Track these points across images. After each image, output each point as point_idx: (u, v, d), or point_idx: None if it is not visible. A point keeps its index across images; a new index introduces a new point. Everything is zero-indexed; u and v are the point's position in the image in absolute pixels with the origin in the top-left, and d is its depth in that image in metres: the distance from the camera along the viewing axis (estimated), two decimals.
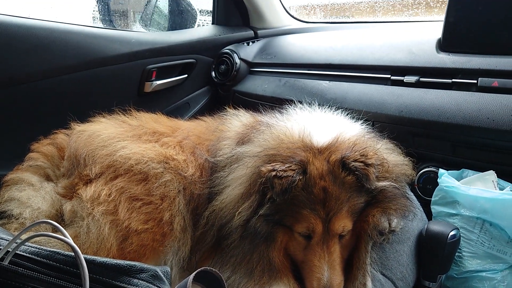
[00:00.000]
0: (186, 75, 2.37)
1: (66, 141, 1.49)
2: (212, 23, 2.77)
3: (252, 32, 2.70)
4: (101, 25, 2.63)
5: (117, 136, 1.45)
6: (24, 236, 0.72)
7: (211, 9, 2.75)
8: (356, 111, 1.55)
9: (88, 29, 2.00)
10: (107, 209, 1.27)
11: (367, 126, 1.43)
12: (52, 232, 0.75)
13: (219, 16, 2.73)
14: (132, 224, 1.27)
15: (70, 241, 0.69)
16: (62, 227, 0.71)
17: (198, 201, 1.39)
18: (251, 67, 2.41)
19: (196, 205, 1.38)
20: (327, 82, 1.98)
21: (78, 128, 1.51)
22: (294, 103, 1.52)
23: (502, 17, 1.61)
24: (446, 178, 1.43)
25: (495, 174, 1.43)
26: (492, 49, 1.62)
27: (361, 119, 1.45)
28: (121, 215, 1.27)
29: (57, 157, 1.48)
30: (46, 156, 1.48)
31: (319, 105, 1.51)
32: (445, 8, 1.74)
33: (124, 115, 1.61)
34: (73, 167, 1.39)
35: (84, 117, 1.57)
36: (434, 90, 1.65)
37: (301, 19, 2.97)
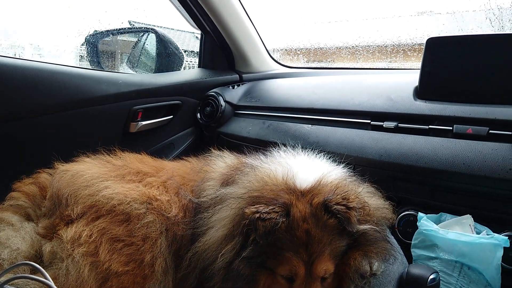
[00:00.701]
0: (171, 116, 2.40)
1: (49, 181, 1.48)
2: (199, 66, 2.85)
3: (237, 76, 2.78)
4: (89, 66, 2.67)
5: (100, 176, 1.45)
6: (3, 279, 0.71)
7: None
8: (338, 155, 1.58)
9: (76, 70, 2.02)
10: (87, 250, 1.25)
11: (349, 170, 1.46)
12: (31, 274, 0.74)
13: (205, 59, 2.81)
14: (112, 266, 1.25)
15: (51, 283, 0.68)
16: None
17: (181, 243, 1.38)
18: (236, 109, 2.46)
19: (178, 247, 1.37)
20: (310, 126, 2.04)
21: (62, 167, 1.50)
22: (278, 145, 1.55)
23: (474, 68, 1.71)
24: (425, 222, 1.46)
25: (472, 218, 1.47)
26: (466, 97, 1.70)
27: (342, 163, 1.48)
28: (101, 256, 1.26)
29: (39, 196, 1.46)
30: (27, 195, 1.46)
31: (302, 148, 1.54)
32: (421, 57, 1.84)
33: (109, 155, 1.62)
34: (55, 207, 1.38)
35: (68, 157, 1.57)
36: (412, 135, 1.70)
37: (285, 64, 3.07)
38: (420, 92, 1.83)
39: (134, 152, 1.70)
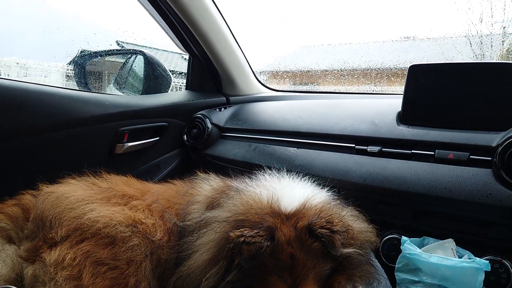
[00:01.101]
0: (158, 138, 2.40)
1: (33, 203, 1.47)
2: (186, 89, 2.88)
3: (225, 98, 2.80)
4: (76, 86, 2.68)
5: (86, 198, 1.45)
6: None
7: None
8: (323, 178, 1.60)
9: (63, 91, 2.03)
10: (71, 273, 1.24)
11: (333, 193, 1.48)
12: None
13: (193, 82, 2.84)
14: None
15: None
16: None
17: (165, 266, 1.37)
18: (223, 132, 2.47)
19: (163, 270, 1.37)
20: (295, 149, 2.06)
21: (46, 189, 1.49)
22: (264, 168, 1.57)
23: (455, 95, 1.76)
24: (408, 246, 1.48)
25: (454, 242, 1.49)
26: (447, 123, 1.74)
27: (327, 186, 1.50)
28: (85, 280, 1.24)
29: (21, 218, 1.45)
30: (10, 217, 1.44)
31: (287, 171, 1.56)
32: (404, 82, 1.89)
33: (94, 177, 1.62)
34: (38, 229, 1.37)
35: (53, 178, 1.56)
36: (396, 160, 1.73)
37: (271, 87, 3.11)
38: (403, 118, 1.87)
39: (120, 174, 1.70)
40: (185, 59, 2.90)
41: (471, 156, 1.58)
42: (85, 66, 2.68)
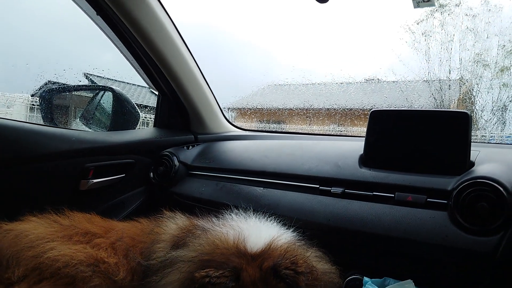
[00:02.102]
0: (123, 174, 2.38)
1: None
2: (154, 126, 2.88)
3: (193, 136, 2.82)
4: (41, 119, 2.64)
5: (46, 236, 1.42)
6: None
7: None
8: (288, 218, 1.63)
9: (27, 125, 2.00)
10: None
11: (298, 234, 1.51)
12: None
13: (161, 119, 2.85)
14: None
15: None
16: None
17: None
18: (190, 170, 2.48)
19: None
20: (262, 188, 2.09)
21: (5, 227, 1.45)
22: (230, 207, 1.59)
23: (413, 140, 1.85)
24: (369, 286, 1.51)
25: (413, 283, 1.53)
26: (406, 167, 1.82)
27: (292, 226, 1.53)
28: None
29: None
30: None
31: (254, 210, 1.58)
32: (366, 124, 1.97)
33: (57, 214, 1.58)
34: None
35: (13, 215, 1.52)
36: (358, 201, 1.79)
37: (239, 126, 3.17)
38: (365, 160, 1.95)
39: (84, 211, 1.67)
40: (155, 94, 2.92)
41: (428, 199, 1.65)
42: (51, 101, 2.65)
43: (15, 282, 1.27)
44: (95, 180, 2.18)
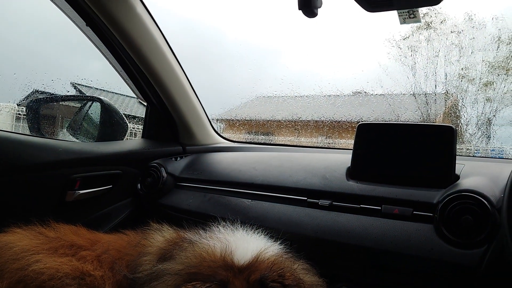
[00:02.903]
0: (110, 186, 2.36)
1: None
2: (142, 137, 2.87)
3: (181, 147, 2.82)
4: (27, 129, 2.61)
5: (31, 248, 1.40)
6: None
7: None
8: (276, 230, 1.63)
9: (13, 135, 1.98)
10: None
11: (286, 246, 1.51)
12: None
13: (149, 130, 2.84)
14: None
15: None
16: None
17: None
18: (178, 181, 2.47)
19: None
20: (250, 200, 2.09)
21: None
22: (218, 219, 1.58)
23: (399, 153, 1.88)
24: None
25: None
26: (393, 180, 1.85)
27: (280, 239, 1.53)
28: None
29: None
30: None
31: (241, 222, 1.58)
32: (354, 137, 2.00)
33: (42, 226, 1.56)
34: None
35: None
36: (345, 214, 1.80)
37: (228, 138, 3.17)
38: (352, 173, 1.97)
39: (70, 223, 1.65)
40: (143, 104, 2.92)
41: (414, 212, 1.67)
42: (38, 110, 2.63)
43: None
44: (81, 191, 2.15)
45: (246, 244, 1.38)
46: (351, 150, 2.01)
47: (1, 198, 1.88)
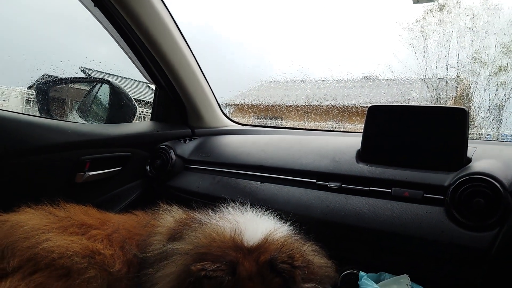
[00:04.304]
0: (120, 168, 2.37)
1: None
2: (151, 119, 2.87)
3: (190, 130, 2.82)
4: (37, 112, 2.62)
5: (41, 227, 1.41)
6: None
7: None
8: (285, 212, 1.63)
9: (23, 116, 1.98)
10: None
11: (295, 228, 1.51)
12: None
13: (158, 112, 2.84)
14: None
15: None
16: None
17: None
18: (187, 163, 2.47)
19: None
20: (259, 183, 2.08)
21: (0, 217, 1.44)
22: (227, 201, 1.58)
23: (410, 136, 1.85)
24: (365, 281, 1.51)
25: (409, 278, 1.54)
26: (403, 162, 1.82)
27: (289, 221, 1.53)
28: None
29: None
30: None
31: (250, 204, 1.58)
32: (364, 121, 1.97)
33: (52, 206, 1.58)
34: None
35: (8, 207, 1.51)
36: (355, 196, 1.79)
37: (237, 121, 3.16)
38: (362, 156, 1.95)
39: (80, 204, 1.66)
40: (151, 89, 2.91)
41: (425, 195, 1.65)
42: (48, 93, 2.63)
43: (9, 272, 1.26)
44: (91, 173, 2.17)
45: (255, 225, 1.38)
46: (361, 134, 1.99)
47: (12, 179, 1.90)
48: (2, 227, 1.39)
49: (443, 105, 3.23)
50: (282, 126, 3.96)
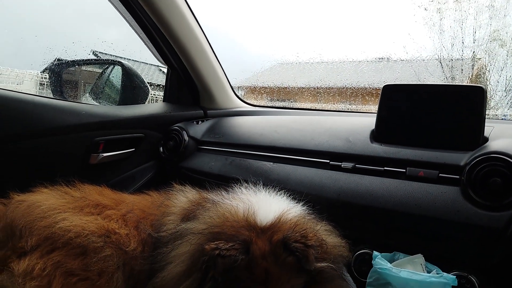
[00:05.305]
0: (133, 149, 2.38)
1: (3, 211, 1.43)
2: (164, 101, 2.87)
3: (202, 111, 2.81)
4: (50, 94, 2.64)
5: (58, 207, 1.42)
6: None
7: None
8: (298, 193, 1.62)
9: (37, 98, 2.00)
10: (40, 284, 1.21)
11: (308, 208, 1.50)
12: None
13: (170, 94, 2.84)
14: None
15: None
16: None
17: (138, 278, 1.36)
18: (199, 144, 2.48)
19: (135, 282, 1.35)
20: (271, 163, 2.08)
21: (17, 197, 1.46)
22: (240, 182, 1.58)
23: (425, 115, 1.82)
24: (379, 260, 1.51)
25: (423, 258, 1.53)
26: (418, 142, 1.80)
27: (302, 201, 1.52)
28: None
29: None
30: None
31: (263, 185, 1.57)
32: (378, 101, 1.94)
33: (68, 186, 1.59)
34: (7, 238, 1.33)
35: (25, 187, 1.53)
36: (369, 176, 1.78)
37: (249, 102, 3.14)
38: (376, 135, 1.92)
39: (94, 184, 1.68)
40: (163, 72, 2.90)
41: (440, 174, 1.63)
42: (61, 75, 2.65)
43: (28, 251, 1.28)
44: (105, 154, 2.19)
45: (268, 205, 1.38)
46: (375, 114, 1.96)
47: (28, 160, 1.92)
48: (19, 207, 1.41)
49: (460, 83, 3.17)
50: (295, 107, 3.94)
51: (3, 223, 1.38)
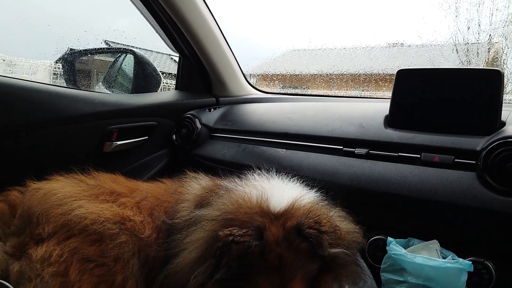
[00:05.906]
0: (147, 137, 2.40)
1: (20, 199, 1.45)
2: (176, 89, 2.87)
3: (214, 99, 2.81)
4: (64, 84, 2.66)
5: (73, 195, 1.44)
6: None
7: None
8: (311, 179, 1.61)
9: (52, 87, 2.01)
10: (57, 270, 1.23)
11: (321, 194, 1.49)
12: None
13: (182, 82, 2.83)
14: (83, 287, 1.23)
15: None
16: None
17: (153, 264, 1.37)
18: (212, 132, 2.48)
19: (151, 268, 1.37)
20: (284, 150, 2.07)
21: (34, 185, 1.48)
22: (253, 168, 1.58)
23: (440, 100, 1.79)
24: (394, 246, 1.50)
25: (438, 243, 1.52)
26: (433, 127, 1.78)
27: (315, 187, 1.51)
28: (72, 276, 1.24)
29: (8, 214, 1.43)
30: None
31: (276, 172, 1.57)
32: (392, 87, 1.92)
33: (82, 174, 1.61)
34: (25, 225, 1.36)
35: (40, 175, 1.55)
36: (383, 162, 1.76)
37: (261, 89, 3.13)
38: (391, 121, 1.90)
39: (108, 172, 1.69)
40: (174, 60, 2.89)
41: (456, 160, 1.61)
42: (74, 64, 2.66)
43: (45, 238, 1.31)
44: (118, 142, 2.20)
45: (282, 192, 1.37)
46: (389, 100, 1.94)
47: (42, 148, 1.95)
48: (35, 195, 1.43)
49: (476, 67, 3.11)
50: (307, 93, 3.91)
51: (20, 211, 1.41)
